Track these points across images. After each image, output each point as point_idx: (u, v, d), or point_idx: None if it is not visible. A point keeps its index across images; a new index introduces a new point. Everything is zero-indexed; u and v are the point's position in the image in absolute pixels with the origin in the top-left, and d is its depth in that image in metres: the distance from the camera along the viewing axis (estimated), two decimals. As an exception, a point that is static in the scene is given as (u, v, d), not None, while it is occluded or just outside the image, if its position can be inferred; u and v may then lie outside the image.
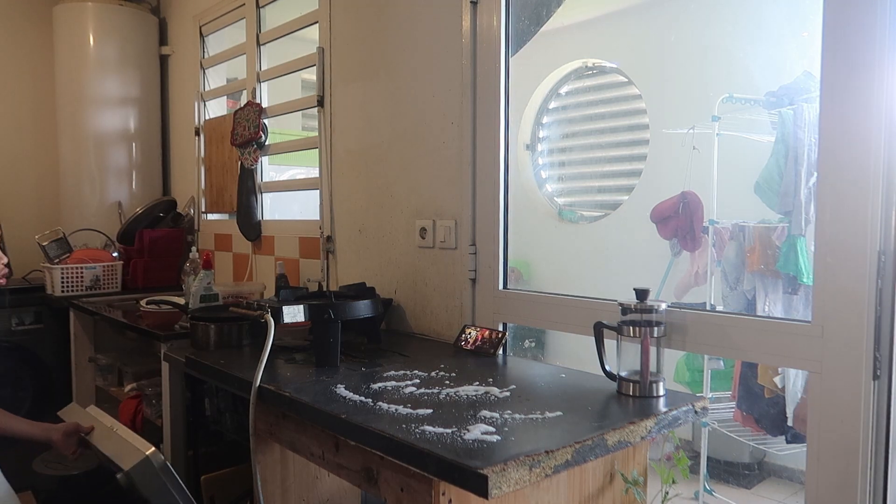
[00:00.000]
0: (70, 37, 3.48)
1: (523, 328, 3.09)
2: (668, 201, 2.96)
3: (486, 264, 1.98)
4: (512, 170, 1.99)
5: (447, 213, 2.08)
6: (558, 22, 3.01)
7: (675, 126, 3.06)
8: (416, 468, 1.12)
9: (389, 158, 2.30)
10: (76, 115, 3.51)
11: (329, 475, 1.92)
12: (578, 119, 3.65)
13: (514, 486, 1.04)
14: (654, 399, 1.40)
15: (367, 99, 2.37)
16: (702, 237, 2.94)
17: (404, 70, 2.22)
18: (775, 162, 2.72)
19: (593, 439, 1.17)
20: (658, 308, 1.44)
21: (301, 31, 2.77)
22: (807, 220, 2.59)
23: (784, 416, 2.78)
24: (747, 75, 2.99)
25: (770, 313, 2.76)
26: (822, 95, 1.29)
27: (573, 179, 3.77)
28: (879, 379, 1.23)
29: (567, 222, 3.68)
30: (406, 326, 2.23)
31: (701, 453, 2.87)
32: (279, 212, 3.15)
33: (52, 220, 3.55)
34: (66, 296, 3.01)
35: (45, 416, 3.09)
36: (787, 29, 2.86)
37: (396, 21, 2.24)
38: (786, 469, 3.11)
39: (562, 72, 3.63)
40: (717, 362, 2.89)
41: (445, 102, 2.07)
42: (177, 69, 3.73)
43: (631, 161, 3.40)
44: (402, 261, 2.26)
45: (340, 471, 1.37)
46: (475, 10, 1.97)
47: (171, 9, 3.74)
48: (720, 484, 3.06)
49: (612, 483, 1.39)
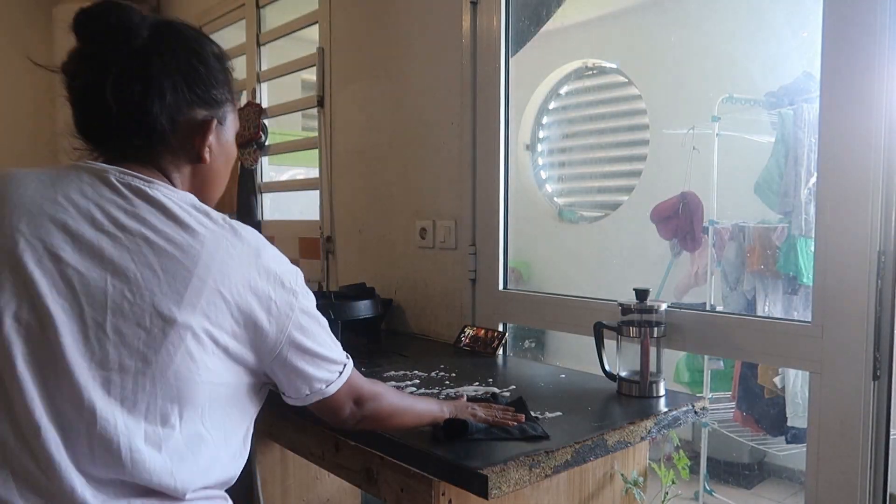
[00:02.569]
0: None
1: (523, 328, 3.09)
2: (668, 201, 2.96)
3: (486, 264, 1.98)
4: (512, 170, 1.99)
5: (447, 213, 2.08)
6: (558, 22, 3.01)
7: (674, 126, 3.06)
8: (416, 468, 1.12)
9: (389, 159, 2.30)
10: (76, 115, 3.51)
11: (329, 475, 1.92)
12: (578, 119, 3.65)
13: (514, 487, 1.04)
14: (653, 399, 1.40)
15: (367, 99, 2.38)
16: (702, 237, 2.94)
17: (404, 70, 2.22)
18: (775, 162, 2.72)
19: (593, 439, 1.17)
20: (658, 308, 1.44)
21: (301, 31, 2.77)
22: (807, 221, 2.59)
23: (784, 417, 2.78)
24: (747, 75, 2.99)
25: (770, 314, 2.76)
26: (822, 95, 1.29)
27: (573, 180, 3.77)
28: (879, 379, 1.23)
29: (567, 222, 3.68)
30: (406, 327, 2.23)
31: (701, 453, 2.87)
32: (279, 212, 3.15)
33: (52, 220, 3.55)
34: (66, 296, 3.01)
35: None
36: (787, 29, 2.86)
37: (396, 21, 2.24)
38: (786, 469, 3.10)
39: (562, 72, 3.63)
40: (717, 363, 2.89)
41: (445, 103, 2.07)
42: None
43: (631, 161, 3.40)
44: (402, 261, 2.26)
45: (340, 471, 1.37)
46: (475, 10, 1.97)
47: (171, 9, 3.74)
48: (720, 484, 3.06)
49: (611, 483, 1.39)
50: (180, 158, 0.91)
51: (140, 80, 0.84)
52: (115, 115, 0.85)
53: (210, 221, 0.85)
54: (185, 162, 0.91)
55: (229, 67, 0.95)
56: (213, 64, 0.91)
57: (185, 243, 0.81)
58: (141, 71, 0.84)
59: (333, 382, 0.94)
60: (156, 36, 0.86)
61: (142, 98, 0.85)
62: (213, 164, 0.94)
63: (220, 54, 0.93)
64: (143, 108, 0.85)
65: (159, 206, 0.83)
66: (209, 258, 0.81)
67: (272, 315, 0.85)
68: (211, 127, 0.91)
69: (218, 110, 0.92)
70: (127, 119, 0.86)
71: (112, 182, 0.84)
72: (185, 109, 0.88)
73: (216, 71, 0.91)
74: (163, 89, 0.85)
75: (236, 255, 0.83)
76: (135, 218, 0.81)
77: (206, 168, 0.93)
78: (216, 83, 0.91)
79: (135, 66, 0.84)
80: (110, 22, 0.85)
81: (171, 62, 0.86)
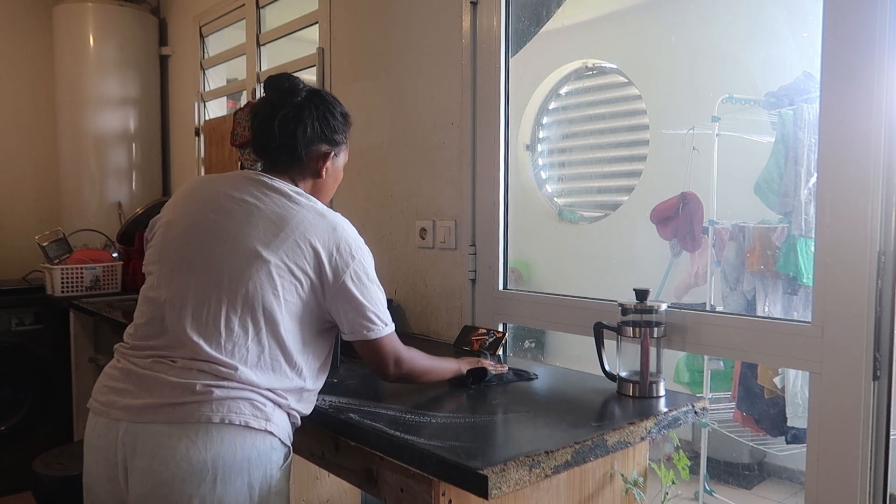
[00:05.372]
0: (70, 37, 3.48)
1: (523, 328, 3.09)
2: (668, 202, 2.96)
3: (486, 265, 1.98)
4: (512, 170, 1.99)
5: (447, 213, 2.08)
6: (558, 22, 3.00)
7: (674, 126, 3.06)
8: (416, 468, 1.12)
9: (389, 159, 2.30)
10: (76, 115, 3.51)
11: (329, 475, 1.92)
12: (578, 119, 3.65)
13: (514, 487, 1.04)
14: (653, 399, 1.40)
15: (367, 99, 2.37)
16: (702, 238, 2.94)
17: (404, 70, 2.22)
18: (775, 162, 2.72)
19: (593, 439, 1.17)
20: (658, 308, 1.44)
21: (301, 31, 2.77)
22: (807, 221, 2.59)
23: (784, 417, 2.78)
24: (747, 76, 2.99)
25: (770, 314, 2.76)
26: (822, 96, 1.29)
27: (573, 180, 3.78)
28: (879, 379, 1.23)
29: (567, 223, 3.68)
30: (406, 327, 2.23)
31: (701, 454, 2.87)
32: (279, 212, 3.14)
33: (52, 220, 3.55)
34: (66, 296, 3.01)
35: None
36: (786, 29, 2.87)
37: (396, 21, 2.24)
38: (786, 469, 3.10)
39: (562, 72, 3.63)
40: (717, 363, 2.89)
41: (445, 103, 2.07)
42: (177, 69, 3.73)
43: (631, 161, 3.40)
44: (402, 261, 2.26)
45: (340, 471, 1.37)
46: (475, 10, 1.97)
47: (171, 9, 3.74)
48: (720, 484, 3.06)
49: (611, 483, 1.39)
50: (307, 173, 1.36)
51: (294, 121, 1.32)
52: (277, 140, 1.32)
53: (308, 201, 1.28)
54: (310, 176, 1.37)
55: (349, 122, 1.42)
56: (339, 118, 1.38)
57: (284, 210, 1.24)
58: (296, 115, 1.32)
59: (374, 331, 1.27)
60: (309, 95, 1.35)
61: (293, 131, 1.32)
62: (326, 180, 1.39)
63: (345, 113, 1.41)
64: (294, 138, 1.32)
65: (276, 190, 1.28)
66: (297, 222, 1.23)
67: (332, 264, 1.23)
68: (330, 156, 1.37)
69: (336, 147, 1.38)
70: (283, 144, 1.32)
71: (253, 178, 1.30)
72: (317, 143, 1.34)
73: (340, 123, 1.38)
74: (306, 128, 1.32)
75: (318, 224, 1.25)
76: (256, 197, 1.26)
77: (322, 182, 1.38)
78: (338, 130, 1.38)
79: (293, 112, 1.32)
80: (284, 85, 1.34)
81: (315, 113, 1.34)
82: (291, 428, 1.27)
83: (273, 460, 1.19)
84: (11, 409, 3.09)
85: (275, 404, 1.21)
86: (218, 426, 1.13)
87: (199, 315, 1.19)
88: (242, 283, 1.18)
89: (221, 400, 1.14)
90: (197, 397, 1.14)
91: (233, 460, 1.14)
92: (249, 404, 1.17)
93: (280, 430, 1.21)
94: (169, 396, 1.15)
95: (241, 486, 1.15)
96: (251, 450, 1.16)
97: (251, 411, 1.17)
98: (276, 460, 1.20)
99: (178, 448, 1.12)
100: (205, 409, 1.13)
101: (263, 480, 1.18)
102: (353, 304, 1.25)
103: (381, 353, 1.30)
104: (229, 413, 1.14)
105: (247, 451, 1.15)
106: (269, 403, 1.19)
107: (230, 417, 1.14)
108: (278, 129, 1.30)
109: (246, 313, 1.18)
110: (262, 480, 1.18)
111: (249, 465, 1.16)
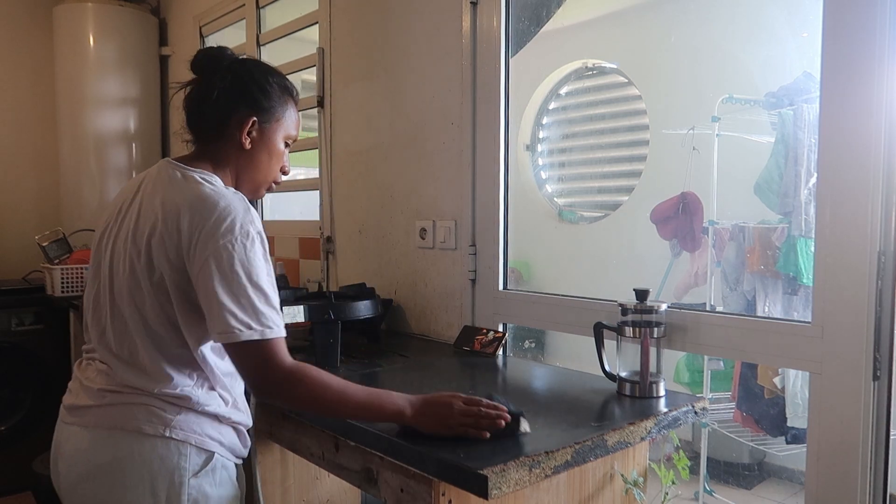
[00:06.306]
0: (70, 37, 3.48)
1: (523, 329, 3.09)
2: (667, 202, 2.96)
3: (486, 265, 1.98)
4: (512, 170, 1.99)
5: (447, 213, 2.08)
6: (558, 22, 3.00)
7: (675, 126, 3.06)
8: (416, 468, 1.12)
9: (389, 159, 2.30)
10: (76, 115, 3.51)
11: (329, 475, 1.92)
12: (578, 119, 3.65)
13: (514, 487, 1.04)
14: (653, 399, 1.40)
15: (367, 99, 2.37)
16: (702, 238, 2.94)
17: (404, 70, 2.22)
18: (775, 163, 2.72)
19: (593, 440, 1.17)
20: (658, 308, 1.44)
21: (301, 31, 2.77)
22: (807, 221, 2.59)
23: (784, 417, 2.78)
24: (747, 76, 2.99)
25: (770, 314, 2.76)
26: (822, 96, 1.29)
27: (573, 180, 3.77)
28: (879, 379, 1.23)
29: (567, 223, 3.67)
30: (406, 327, 2.23)
31: (701, 454, 2.87)
32: (279, 212, 3.15)
33: (52, 220, 3.55)
34: (66, 296, 3.01)
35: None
36: (786, 29, 2.86)
37: (396, 21, 2.24)
38: (786, 469, 3.10)
39: (562, 72, 3.63)
40: (717, 363, 2.89)
41: (445, 103, 2.07)
42: (177, 69, 3.73)
43: (631, 161, 3.40)
44: (402, 261, 2.26)
45: (340, 471, 1.37)
46: (475, 10, 1.97)
47: (171, 9, 3.74)
48: (720, 484, 3.06)
49: (611, 483, 1.39)
50: (230, 147, 1.23)
51: (207, 88, 1.21)
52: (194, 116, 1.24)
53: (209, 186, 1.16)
54: (234, 150, 1.23)
55: (290, 92, 1.29)
56: (269, 84, 1.24)
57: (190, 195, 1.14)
58: (207, 84, 1.21)
59: (238, 333, 1.07)
60: (229, 64, 1.23)
61: (202, 98, 1.22)
62: (256, 153, 1.25)
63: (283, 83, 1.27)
64: (202, 105, 1.22)
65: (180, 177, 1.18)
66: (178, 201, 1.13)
67: (196, 240, 1.09)
68: (251, 122, 1.22)
69: (262, 113, 1.23)
70: (197, 117, 1.24)
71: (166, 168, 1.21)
72: (234, 108, 1.21)
73: (270, 88, 1.24)
74: (215, 91, 1.20)
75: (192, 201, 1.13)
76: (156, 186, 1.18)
77: (250, 155, 1.24)
78: (266, 96, 1.24)
79: (206, 82, 1.22)
80: (203, 62, 1.24)
81: (229, 77, 1.22)
82: (234, 434, 1.23)
83: (184, 467, 1.14)
84: (11, 409, 3.09)
85: (178, 407, 1.15)
86: (112, 431, 1.14)
87: (97, 316, 1.21)
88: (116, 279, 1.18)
89: (114, 405, 1.15)
90: (98, 401, 1.16)
91: (131, 466, 1.12)
92: (144, 409, 1.14)
93: (194, 436, 1.16)
94: (84, 399, 1.18)
95: (144, 493, 1.12)
96: (150, 455, 1.13)
97: (145, 416, 1.13)
98: (189, 467, 1.15)
99: (87, 451, 1.15)
100: (103, 414, 1.15)
101: (172, 488, 1.13)
102: (215, 291, 1.13)
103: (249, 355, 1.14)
104: (122, 418, 1.14)
105: (145, 456, 1.12)
106: (169, 407, 1.15)
107: (122, 423, 1.14)
108: (192, 103, 1.23)
109: (121, 311, 1.17)
110: (171, 488, 1.13)
111: (151, 471, 1.12)
